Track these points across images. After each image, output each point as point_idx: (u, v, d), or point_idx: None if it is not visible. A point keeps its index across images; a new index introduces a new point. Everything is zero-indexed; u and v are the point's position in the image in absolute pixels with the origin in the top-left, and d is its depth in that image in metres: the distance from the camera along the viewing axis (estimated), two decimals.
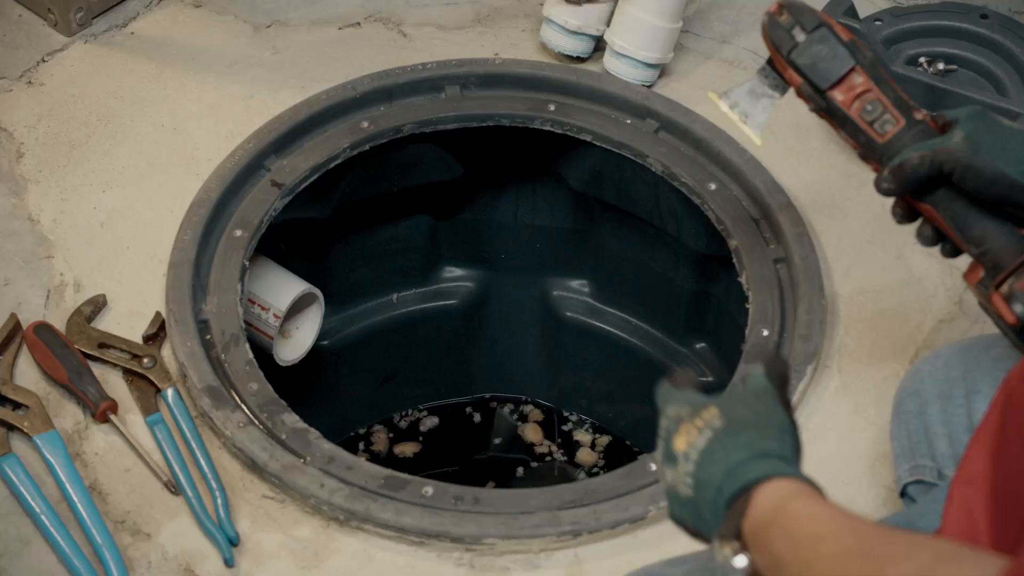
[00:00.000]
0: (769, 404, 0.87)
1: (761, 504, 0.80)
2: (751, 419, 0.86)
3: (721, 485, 0.83)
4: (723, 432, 0.85)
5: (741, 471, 0.82)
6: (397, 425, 1.94)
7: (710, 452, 0.84)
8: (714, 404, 0.87)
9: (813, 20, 1.08)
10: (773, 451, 0.83)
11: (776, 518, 0.78)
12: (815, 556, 0.75)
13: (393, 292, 1.86)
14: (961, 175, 0.99)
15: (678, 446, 0.87)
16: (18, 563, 1.13)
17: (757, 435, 0.84)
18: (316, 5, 1.68)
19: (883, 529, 0.76)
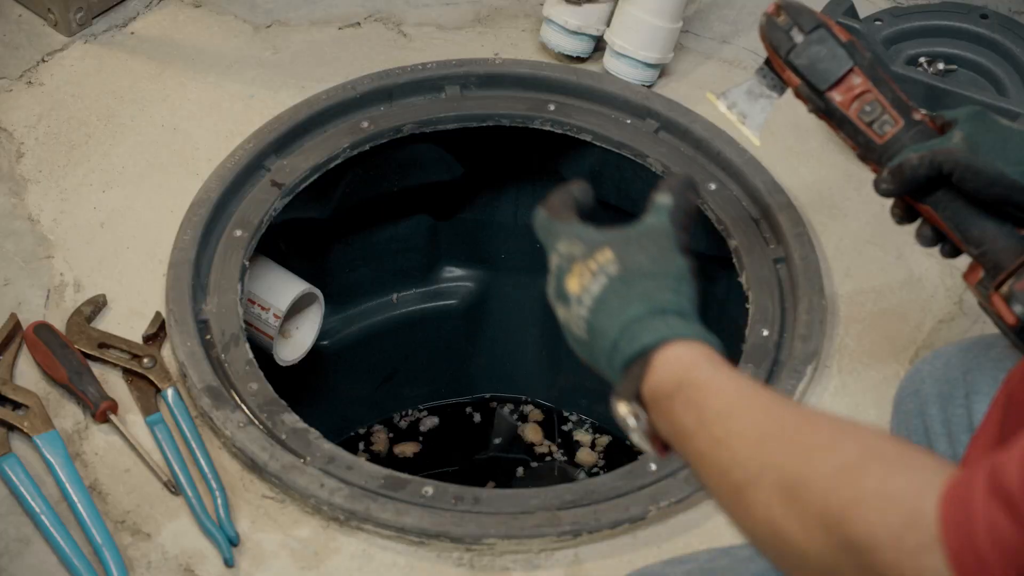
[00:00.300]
0: (666, 248, 0.85)
1: (661, 371, 0.78)
2: (647, 266, 0.83)
3: (616, 341, 0.81)
4: (618, 280, 0.83)
5: (638, 330, 0.80)
6: (397, 425, 1.94)
7: (604, 301, 0.83)
8: (609, 246, 0.85)
9: (811, 21, 1.08)
10: (670, 305, 0.81)
11: (680, 389, 0.77)
12: (727, 434, 0.74)
13: (393, 292, 1.86)
14: (960, 175, 0.99)
15: (571, 287, 0.85)
16: (18, 563, 1.13)
17: (653, 286, 0.82)
18: (316, 5, 1.68)
19: (799, 410, 0.74)
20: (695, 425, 0.75)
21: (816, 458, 0.69)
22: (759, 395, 0.76)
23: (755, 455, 0.72)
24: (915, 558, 0.63)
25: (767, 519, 0.70)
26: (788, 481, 0.69)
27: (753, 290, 1.35)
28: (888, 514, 0.64)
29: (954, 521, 0.63)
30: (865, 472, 0.67)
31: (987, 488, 0.63)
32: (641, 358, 0.79)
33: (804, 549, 0.68)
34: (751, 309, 1.34)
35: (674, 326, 0.80)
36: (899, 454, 0.68)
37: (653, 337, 0.79)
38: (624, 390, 0.81)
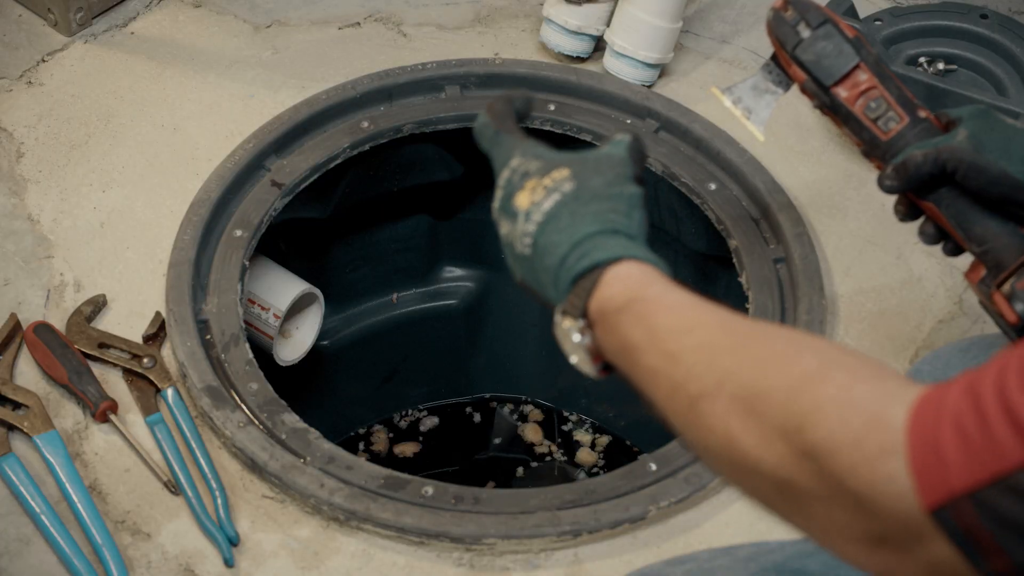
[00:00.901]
0: (622, 175, 0.85)
1: (611, 286, 0.79)
2: (602, 189, 0.84)
3: (566, 257, 0.82)
4: (572, 198, 0.83)
5: (589, 246, 0.81)
6: (397, 425, 1.94)
7: (555, 217, 0.83)
8: (566, 165, 0.85)
9: (818, 16, 1.08)
10: (621, 227, 0.82)
11: (630, 304, 0.77)
12: (680, 348, 0.74)
13: (393, 292, 1.86)
14: (964, 173, 0.99)
15: (520, 202, 0.85)
16: (18, 563, 1.12)
17: (607, 207, 0.83)
18: (316, 5, 1.68)
19: (755, 324, 0.75)
20: (646, 340, 0.76)
21: (775, 369, 0.69)
22: (713, 311, 0.76)
23: (711, 368, 0.72)
24: (873, 462, 0.63)
25: (723, 430, 0.70)
26: (746, 392, 0.69)
27: (753, 290, 1.35)
28: (848, 419, 0.64)
29: (921, 424, 0.62)
30: (826, 380, 0.66)
31: (960, 392, 0.62)
32: (591, 273, 0.80)
33: (760, 459, 0.68)
34: (751, 309, 1.34)
35: (626, 246, 0.81)
36: (860, 363, 0.68)
37: (605, 254, 0.80)
38: (571, 305, 0.81)
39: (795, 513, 0.69)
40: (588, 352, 0.82)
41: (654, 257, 0.81)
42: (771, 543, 0.99)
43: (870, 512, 0.63)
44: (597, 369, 0.83)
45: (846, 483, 0.63)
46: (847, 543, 0.66)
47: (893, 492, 0.62)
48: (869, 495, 0.63)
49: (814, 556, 0.95)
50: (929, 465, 0.61)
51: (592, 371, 0.83)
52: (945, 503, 0.60)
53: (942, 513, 0.60)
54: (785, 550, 0.97)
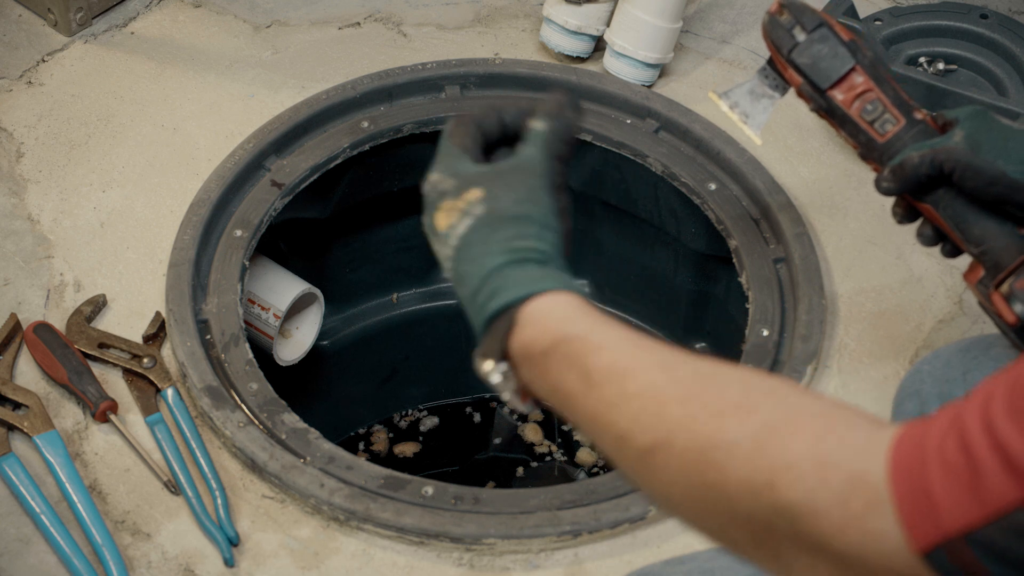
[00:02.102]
0: (535, 187, 0.81)
1: (529, 328, 0.74)
2: (511, 208, 0.80)
3: (476, 292, 0.78)
4: (483, 223, 0.79)
5: (498, 283, 0.76)
6: (397, 425, 1.94)
7: (468, 244, 0.79)
8: (479, 185, 0.81)
9: (814, 20, 1.08)
10: (532, 253, 0.77)
11: (555, 347, 0.73)
12: (621, 396, 0.69)
13: (393, 292, 1.86)
14: (961, 175, 0.99)
15: (439, 223, 0.82)
16: (18, 563, 1.13)
17: (515, 232, 0.78)
18: (316, 5, 1.68)
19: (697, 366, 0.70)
20: (581, 386, 0.71)
21: (733, 420, 0.65)
22: (649, 349, 0.71)
23: (659, 418, 0.67)
24: (861, 522, 0.60)
25: (683, 484, 0.66)
26: (703, 445, 0.65)
27: (753, 290, 1.35)
28: (827, 478, 0.61)
29: (904, 466, 0.60)
30: (793, 433, 0.63)
31: (945, 428, 0.60)
32: (505, 314, 0.76)
33: (729, 513, 0.65)
34: (751, 309, 1.34)
35: (536, 278, 0.76)
36: (823, 409, 0.65)
37: (515, 292, 0.76)
38: (488, 348, 0.77)
39: (772, 562, 0.66)
40: (515, 391, 0.78)
41: (568, 281, 0.77)
42: None
43: (859, 568, 0.61)
44: (529, 405, 0.79)
45: (832, 543, 0.61)
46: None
47: (885, 550, 0.60)
48: (859, 554, 0.60)
49: None
50: (918, 508, 0.59)
51: (524, 408, 0.79)
52: (938, 545, 0.58)
53: (936, 555, 0.58)
54: None
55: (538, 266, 0.77)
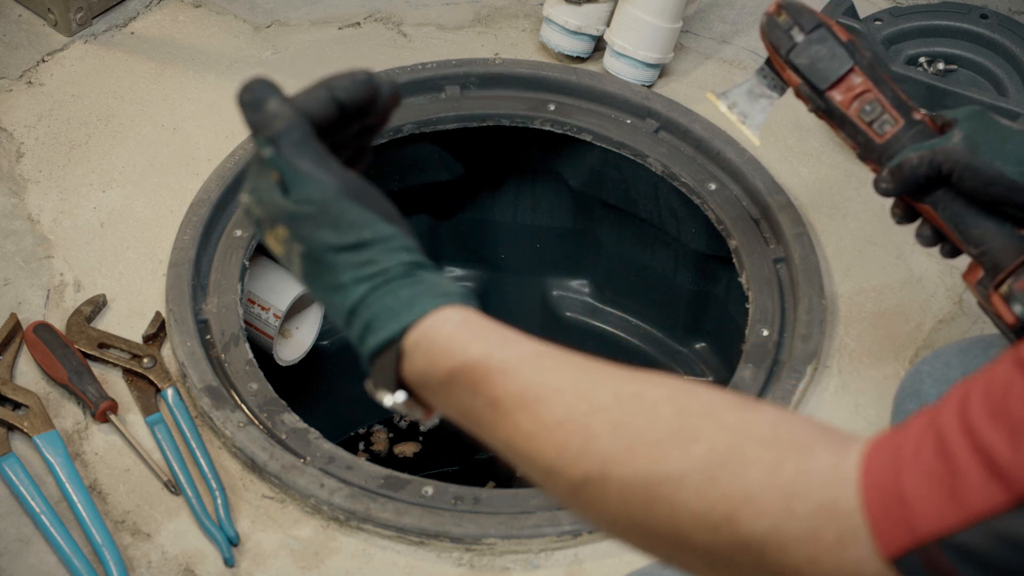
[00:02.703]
0: (339, 212, 0.71)
1: (421, 360, 0.68)
2: (336, 240, 0.71)
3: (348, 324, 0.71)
4: (311, 259, 0.71)
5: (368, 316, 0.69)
6: (397, 425, 1.94)
7: (313, 276, 0.72)
8: (282, 223, 0.72)
9: (812, 20, 1.08)
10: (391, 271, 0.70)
11: (454, 377, 0.67)
12: (539, 427, 0.64)
13: None
14: (960, 175, 0.99)
15: (273, 249, 0.74)
16: (18, 563, 1.13)
17: (357, 259, 0.70)
18: (316, 5, 1.68)
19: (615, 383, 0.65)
20: (491, 416, 0.66)
21: (673, 450, 0.61)
22: (557, 368, 0.66)
23: (588, 451, 0.63)
24: (835, 553, 0.58)
25: (626, 516, 0.62)
26: (645, 479, 0.61)
27: (753, 290, 1.35)
28: (793, 509, 0.58)
29: (877, 473, 0.57)
30: (745, 462, 0.60)
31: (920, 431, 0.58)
32: (388, 349, 0.70)
33: (683, 545, 0.61)
34: (751, 309, 1.34)
35: (409, 300, 0.69)
36: (773, 434, 0.61)
37: (393, 326, 0.69)
38: (380, 380, 0.71)
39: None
40: (419, 411, 0.73)
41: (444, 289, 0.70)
42: None
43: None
44: (436, 419, 0.74)
45: (803, 574, 0.59)
46: None
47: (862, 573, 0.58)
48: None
49: None
50: (890, 514, 0.57)
51: (432, 422, 0.74)
52: (911, 550, 0.56)
53: (908, 560, 0.56)
54: None
55: (406, 283, 0.71)
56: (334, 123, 0.78)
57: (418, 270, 0.72)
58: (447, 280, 0.72)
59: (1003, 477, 0.54)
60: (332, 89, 0.79)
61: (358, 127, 0.81)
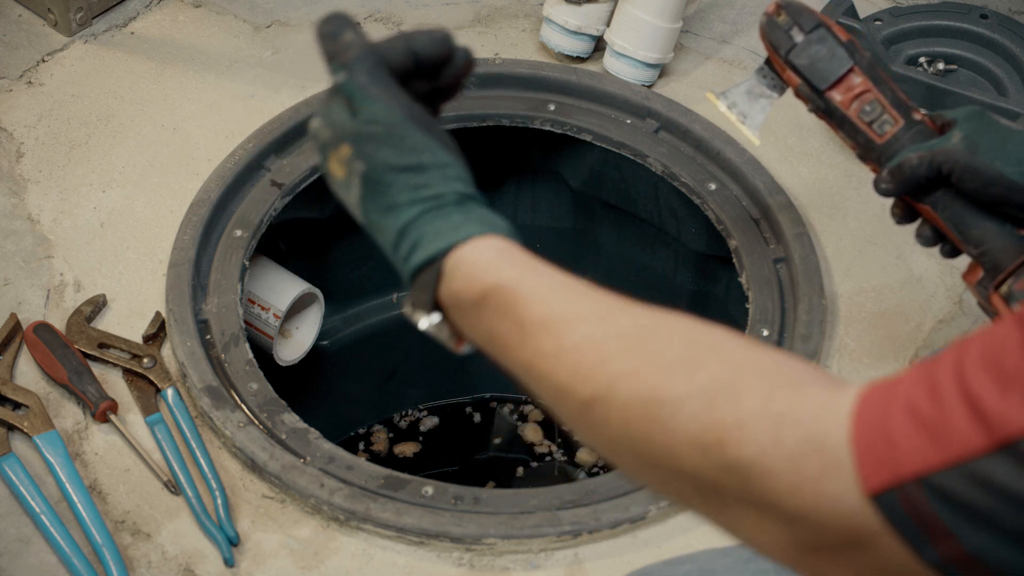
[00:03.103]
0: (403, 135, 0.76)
1: (459, 279, 0.72)
2: (396, 161, 0.76)
3: (396, 246, 0.75)
4: (372, 181, 0.76)
5: (416, 235, 0.74)
6: (397, 425, 1.94)
7: (368, 197, 0.76)
8: (347, 139, 0.77)
9: (811, 21, 1.08)
10: (445, 198, 0.75)
11: (487, 297, 0.71)
12: (558, 348, 0.68)
13: (393, 292, 1.86)
14: (960, 175, 0.99)
15: (333, 171, 0.79)
16: (18, 563, 1.13)
17: (415, 181, 0.75)
18: (316, 5, 1.68)
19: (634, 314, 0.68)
20: (516, 337, 0.70)
21: (676, 374, 0.64)
22: (583, 299, 0.70)
23: (599, 371, 0.66)
24: (816, 483, 0.59)
25: (625, 437, 0.65)
26: (646, 400, 0.64)
27: (753, 290, 1.35)
28: (781, 438, 0.60)
29: (868, 413, 0.59)
30: (741, 389, 0.62)
31: (914, 378, 0.59)
32: (431, 266, 0.74)
33: (675, 468, 0.64)
34: (751, 309, 1.34)
35: (458, 224, 0.74)
36: (774, 368, 0.64)
37: (438, 244, 0.73)
38: (417, 301, 0.75)
39: (717, 515, 0.65)
40: (450, 337, 0.77)
41: (491, 221, 0.74)
42: None
43: (808, 526, 0.61)
44: (466, 348, 0.78)
45: (784, 503, 0.60)
46: (776, 549, 0.63)
47: (840, 510, 0.59)
48: (812, 514, 0.60)
49: None
50: (876, 451, 0.58)
51: (463, 351, 0.78)
52: (892, 487, 0.57)
53: (887, 498, 0.58)
54: None
55: (457, 209, 0.75)
56: (407, 73, 0.80)
57: (469, 201, 0.76)
58: (495, 214, 0.75)
59: (985, 421, 0.55)
60: (409, 40, 0.81)
61: (429, 87, 0.83)
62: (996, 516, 0.56)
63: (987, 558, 0.57)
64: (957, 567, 0.57)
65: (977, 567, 0.57)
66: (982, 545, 0.56)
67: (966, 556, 0.57)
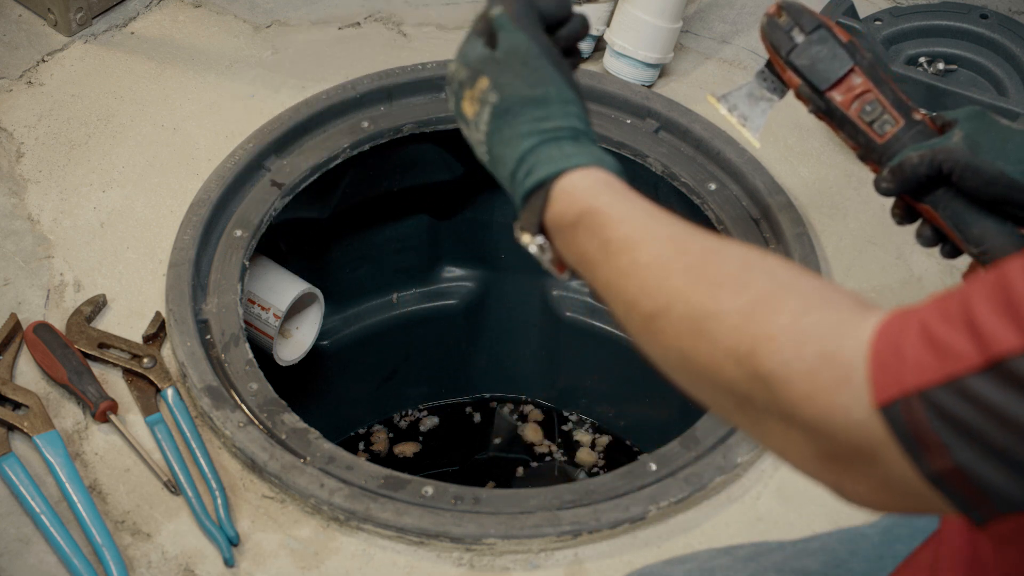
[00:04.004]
0: (539, 68, 0.84)
1: (561, 201, 0.80)
2: (527, 92, 0.84)
3: (514, 172, 0.83)
4: (502, 111, 0.84)
5: (533, 161, 0.81)
6: (397, 425, 1.94)
7: (496, 130, 0.84)
8: (485, 73, 0.85)
9: (812, 21, 1.08)
10: (561, 132, 0.82)
11: (582, 218, 0.78)
12: (632, 265, 0.75)
13: (393, 292, 1.86)
14: (960, 175, 0.99)
15: (466, 111, 0.87)
16: (18, 563, 1.13)
17: (539, 113, 0.83)
18: (316, 5, 1.68)
19: (706, 241, 0.74)
20: (600, 255, 0.77)
21: (725, 292, 0.69)
22: (665, 223, 0.76)
23: (662, 287, 0.72)
24: (829, 393, 0.63)
25: (677, 349, 0.71)
26: (696, 314, 0.70)
27: None
28: (802, 350, 0.65)
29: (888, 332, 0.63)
30: (778, 307, 0.67)
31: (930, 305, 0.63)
32: (540, 189, 0.81)
33: (715, 378, 0.69)
34: None
35: (569, 154, 0.81)
36: (813, 288, 0.68)
37: (549, 169, 0.81)
38: (526, 222, 0.83)
39: (753, 428, 0.70)
40: (552, 262, 0.84)
41: (600, 155, 0.81)
42: (771, 543, 0.99)
43: (823, 436, 0.65)
44: (567, 276, 0.84)
45: (801, 411, 0.65)
46: (801, 459, 0.68)
47: (849, 421, 0.63)
48: (825, 423, 0.64)
49: (814, 556, 0.96)
50: (887, 365, 0.62)
51: (564, 278, 0.85)
52: (896, 399, 0.61)
53: (892, 410, 0.61)
54: (785, 550, 0.97)
55: (571, 142, 0.82)
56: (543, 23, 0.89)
57: (583, 136, 0.83)
58: (606, 153, 0.82)
59: (982, 341, 0.58)
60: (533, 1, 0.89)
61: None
62: (983, 432, 0.58)
63: (973, 474, 0.59)
64: (947, 482, 0.60)
65: (966, 482, 0.60)
66: (969, 460, 0.59)
67: (955, 471, 0.60)
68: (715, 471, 1.18)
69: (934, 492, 0.61)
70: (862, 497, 0.66)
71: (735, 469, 1.19)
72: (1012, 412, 0.57)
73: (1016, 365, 0.57)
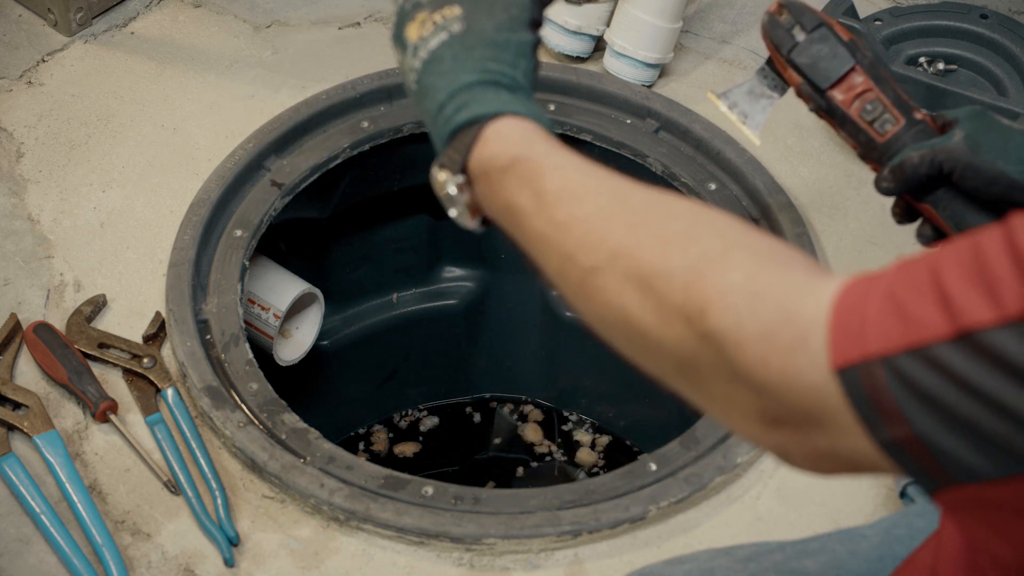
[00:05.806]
0: (516, 19, 0.83)
1: (492, 144, 0.77)
2: (491, 33, 0.82)
3: (444, 105, 0.80)
4: (458, 40, 0.81)
5: (467, 97, 0.79)
6: (397, 425, 1.94)
7: (439, 59, 0.81)
8: (460, 4, 0.83)
9: (813, 20, 1.08)
10: (504, 78, 0.80)
11: (514, 164, 0.75)
12: (569, 217, 0.71)
13: (393, 292, 1.86)
14: (961, 174, 0.99)
15: (409, 34, 0.84)
16: (18, 563, 1.13)
17: (491, 54, 0.81)
18: (316, 5, 1.68)
19: (649, 195, 0.72)
20: (533, 205, 0.74)
21: (674, 248, 0.67)
22: (604, 176, 0.74)
23: (604, 241, 0.70)
24: (784, 356, 0.61)
25: (618, 306, 0.68)
26: (643, 271, 0.67)
27: None
28: (757, 310, 0.62)
29: (850, 296, 0.61)
30: (729, 265, 0.65)
31: (895, 269, 0.61)
32: (471, 128, 0.78)
33: (659, 338, 0.67)
34: None
35: (507, 100, 0.78)
36: (765, 247, 0.66)
37: (485, 108, 0.78)
38: (448, 159, 0.79)
39: (694, 391, 0.68)
40: (467, 206, 0.80)
41: (537, 111, 0.79)
42: (771, 543, 0.99)
43: (774, 399, 0.63)
44: (477, 223, 0.81)
45: (751, 372, 0.62)
46: (746, 422, 0.66)
47: (803, 384, 0.61)
48: (776, 385, 0.62)
49: (814, 556, 0.96)
50: (848, 329, 0.60)
51: (472, 225, 0.81)
52: (856, 364, 0.59)
53: (850, 374, 0.59)
54: (785, 550, 0.97)
55: (509, 91, 0.79)
56: None
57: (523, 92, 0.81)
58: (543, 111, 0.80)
59: (951, 311, 0.57)
60: None
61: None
62: (948, 403, 0.57)
63: (932, 443, 0.58)
64: (903, 450, 0.59)
65: (923, 451, 0.59)
66: (929, 429, 0.58)
67: (913, 439, 0.59)
68: (715, 471, 1.18)
69: (886, 459, 0.60)
70: (806, 461, 0.65)
71: (735, 469, 1.19)
72: (980, 384, 0.56)
73: (986, 338, 0.56)
